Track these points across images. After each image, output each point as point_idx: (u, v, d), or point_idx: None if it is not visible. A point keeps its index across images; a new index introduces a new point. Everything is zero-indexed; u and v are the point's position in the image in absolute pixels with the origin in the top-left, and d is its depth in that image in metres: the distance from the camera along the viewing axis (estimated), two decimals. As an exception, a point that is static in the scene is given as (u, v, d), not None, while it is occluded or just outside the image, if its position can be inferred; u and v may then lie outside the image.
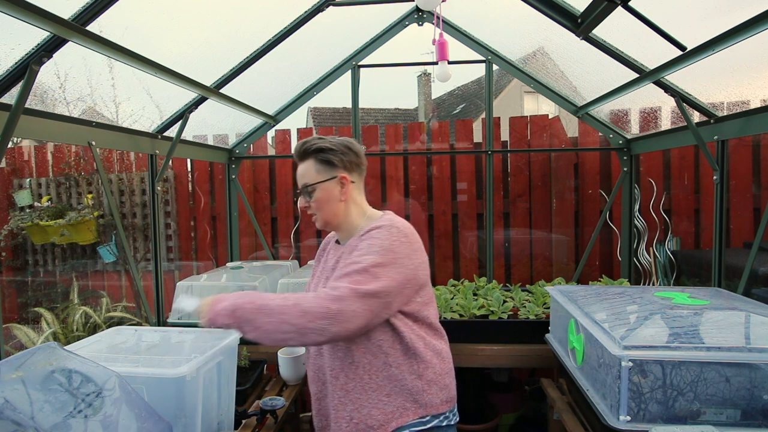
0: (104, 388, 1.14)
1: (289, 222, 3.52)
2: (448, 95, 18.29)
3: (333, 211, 1.45)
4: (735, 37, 1.47)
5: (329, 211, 1.45)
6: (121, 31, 1.66)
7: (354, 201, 1.48)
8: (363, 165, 1.51)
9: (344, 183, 1.44)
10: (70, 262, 3.95)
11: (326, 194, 1.44)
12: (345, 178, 1.44)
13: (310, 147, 1.44)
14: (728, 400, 1.27)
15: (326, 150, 1.43)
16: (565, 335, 1.79)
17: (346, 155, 1.45)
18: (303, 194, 1.47)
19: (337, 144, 1.44)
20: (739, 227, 3.02)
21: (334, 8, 2.35)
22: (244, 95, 2.57)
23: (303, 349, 2.16)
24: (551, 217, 3.31)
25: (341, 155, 1.44)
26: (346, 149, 1.45)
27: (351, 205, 1.48)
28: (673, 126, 2.49)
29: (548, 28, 2.15)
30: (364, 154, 1.51)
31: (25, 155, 4.00)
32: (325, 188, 1.43)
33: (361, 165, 1.50)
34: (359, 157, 1.49)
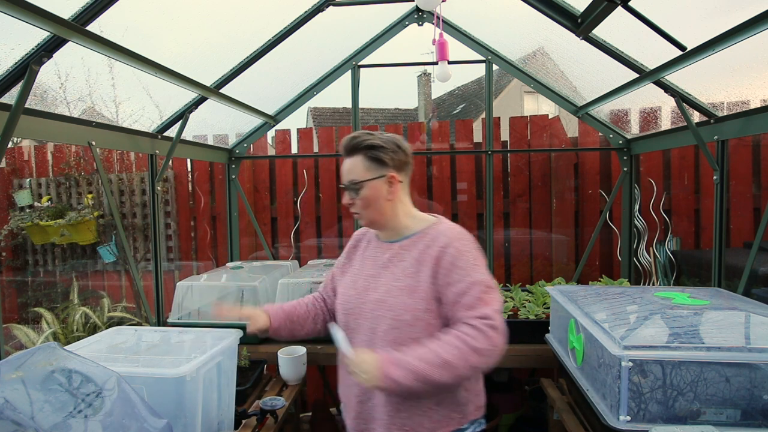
0: (104, 388, 1.14)
1: (289, 222, 3.52)
2: (448, 95, 18.29)
3: (380, 210, 1.42)
4: (735, 37, 1.47)
5: (376, 209, 1.41)
6: (121, 31, 1.66)
7: (400, 200, 1.45)
8: (410, 164, 1.48)
9: (392, 182, 1.41)
10: (70, 262, 3.95)
11: (374, 192, 1.40)
12: (394, 178, 1.40)
13: (360, 143, 1.39)
14: (728, 400, 1.27)
15: (377, 147, 1.38)
16: (565, 335, 1.79)
17: (396, 153, 1.41)
18: (349, 191, 1.42)
19: (387, 141, 1.40)
20: (739, 227, 3.02)
21: (334, 8, 2.36)
22: (244, 95, 2.57)
23: (303, 349, 2.16)
24: (551, 217, 3.31)
25: (392, 153, 1.40)
26: (396, 147, 1.41)
27: (398, 205, 1.44)
28: (673, 126, 2.49)
29: (548, 28, 2.15)
30: (411, 153, 1.48)
31: (25, 155, 4.00)
32: (374, 186, 1.39)
33: (408, 164, 1.46)
34: (407, 156, 1.45)
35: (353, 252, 1.59)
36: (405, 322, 1.34)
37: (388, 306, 1.36)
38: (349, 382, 1.45)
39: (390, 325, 1.35)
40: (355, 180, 1.40)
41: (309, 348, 2.21)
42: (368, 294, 1.41)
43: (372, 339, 1.37)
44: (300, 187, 3.51)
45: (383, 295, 1.38)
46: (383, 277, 1.42)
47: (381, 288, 1.40)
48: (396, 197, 1.43)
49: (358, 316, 1.42)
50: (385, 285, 1.40)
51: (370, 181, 1.39)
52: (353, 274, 1.51)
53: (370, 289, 1.42)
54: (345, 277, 1.54)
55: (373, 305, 1.39)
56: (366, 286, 1.44)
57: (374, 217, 1.43)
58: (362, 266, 1.50)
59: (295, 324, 1.58)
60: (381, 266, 1.44)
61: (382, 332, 1.36)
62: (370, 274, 1.46)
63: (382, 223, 1.45)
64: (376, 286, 1.41)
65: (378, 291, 1.40)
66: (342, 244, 3.48)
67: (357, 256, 1.56)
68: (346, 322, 1.45)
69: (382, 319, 1.36)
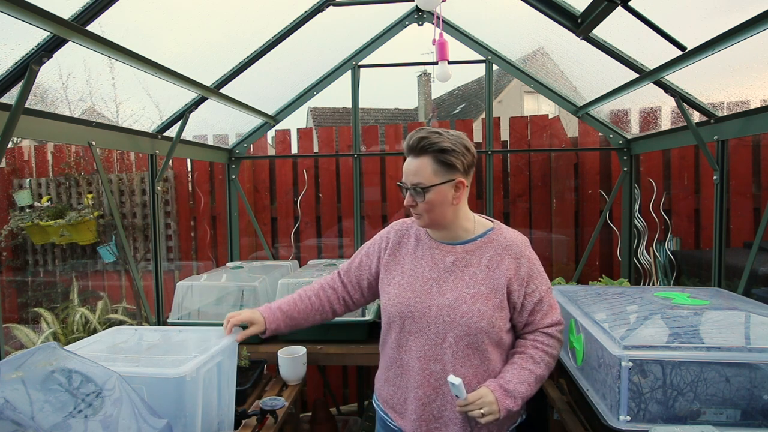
0: (104, 388, 1.14)
1: (289, 222, 3.52)
2: (448, 95, 18.29)
3: (443, 214, 1.38)
4: (735, 37, 1.47)
5: (439, 213, 1.37)
6: (122, 31, 1.66)
7: (462, 204, 1.42)
8: (475, 165, 1.42)
9: (460, 187, 1.36)
10: (70, 262, 3.95)
11: (440, 197, 1.35)
12: (462, 183, 1.36)
13: (430, 144, 1.32)
14: (728, 400, 1.27)
15: (448, 151, 1.32)
16: (565, 335, 1.79)
17: (465, 157, 1.35)
18: (414, 193, 1.37)
19: (456, 143, 1.34)
20: (739, 227, 3.02)
21: (334, 8, 2.36)
22: (244, 95, 2.57)
23: (303, 349, 2.16)
24: (551, 217, 3.31)
25: (462, 157, 1.34)
26: (466, 150, 1.35)
27: (460, 208, 1.41)
28: (673, 126, 2.49)
29: (548, 28, 2.15)
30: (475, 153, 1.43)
31: (25, 155, 4.00)
32: (441, 191, 1.34)
33: (474, 166, 1.41)
34: (474, 158, 1.40)
35: (398, 248, 1.51)
36: (480, 329, 1.34)
37: (461, 313, 1.34)
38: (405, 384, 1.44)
39: (464, 332, 1.34)
40: (422, 184, 1.34)
41: (309, 348, 2.21)
42: (432, 298, 1.38)
43: (440, 345, 1.37)
44: (300, 187, 3.51)
45: (453, 302, 1.36)
46: (448, 281, 1.39)
47: (449, 293, 1.37)
48: (460, 201, 1.40)
49: (419, 320, 1.39)
50: (453, 291, 1.37)
51: (438, 185, 1.34)
52: (406, 274, 1.45)
53: (434, 294, 1.39)
54: (395, 276, 1.47)
55: (440, 311, 1.37)
56: (428, 290, 1.40)
57: (437, 220, 1.39)
58: (417, 267, 1.44)
59: (297, 320, 1.57)
60: (443, 270, 1.41)
61: (453, 338, 1.35)
62: (432, 277, 1.41)
63: (443, 225, 1.42)
64: (442, 291, 1.38)
65: (445, 296, 1.37)
66: (342, 244, 3.48)
67: (405, 254, 1.49)
68: (401, 324, 1.42)
69: (453, 326, 1.35)
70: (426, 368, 1.39)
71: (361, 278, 1.58)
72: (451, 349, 1.36)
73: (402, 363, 1.44)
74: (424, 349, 1.39)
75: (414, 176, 1.36)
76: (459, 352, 1.36)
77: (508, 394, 1.31)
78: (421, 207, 1.37)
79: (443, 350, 1.37)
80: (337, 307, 1.61)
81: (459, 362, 1.36)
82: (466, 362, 1.36)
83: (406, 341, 1.42)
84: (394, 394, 1.48)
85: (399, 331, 1.43)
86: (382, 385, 1.53)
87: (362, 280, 1.58)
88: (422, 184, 1.34)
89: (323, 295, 1.60)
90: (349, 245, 3.45)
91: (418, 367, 1.40)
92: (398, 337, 1.44)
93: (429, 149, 1.33)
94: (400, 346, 1.44)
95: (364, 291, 1.59)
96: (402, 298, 1.42)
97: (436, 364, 1.38)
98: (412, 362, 1.41)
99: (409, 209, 1.42)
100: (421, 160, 1.35)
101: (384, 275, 1.51)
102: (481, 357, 1.36)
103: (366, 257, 1.58)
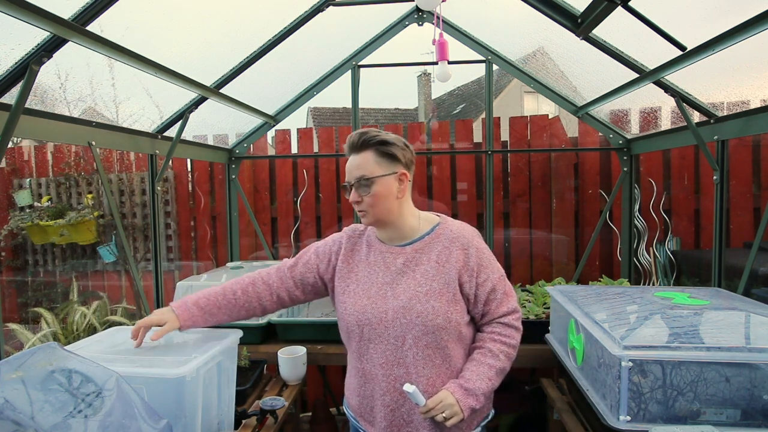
0: (104, 388, 1.14)
1: (289, 222, 3.52)
2: (448, 95, 18.29)
3: (388, 208, 1.38)
4: (735, 37, 1.47)
5: (384, 207, 1.38)
6: (122, 31, 1.66)
7: (407, 199, 1.43)
8: (414, 163, 1.47)
9: (403, 180, 1.39)
10: (70, 262, 3.95)
11: (385, 189, 1.36)
12: (405, 175, 1.39)
13: (371, 138, 1.36)
14: (728, 400, 1.27)
15: (389, 143, 1.36)
16: (565, 335, 1.79)
17: (405, 151, 1.39)
18: (357, 187, 1.37)
19: (396, 138, 1.39)
20: (739, 227, 3.02)
21: (334, 8, 2.35)
22: (244, 95, 2.57)
23: (303, 349, 2.16)
24: (551, 217, 3.31)
25: (402, 151, 1.38)
26: (405, 146, 1.40)
27: (404, 204, 1.42)
28: (673, 126, 2.49)
29: (548, 28, 2.16)
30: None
31: (25, 155, 4.00)
32: (385, 183, 1.36)
33: (413, 163, 1.45)
34: (413, 155, 1.44)
35: (351, 255, 1.51)
36: (437, 326, 1.34)
37: (416, 312, 1.34)
38: (370, 392, 1.43)
39: (421, 331, 1.34)
40: (366, 176, 1.35)
41: (309, 348, 2.21)
42: (387, 302, 1.38)
43: (401, 348, 1.36)
44: (300, 187, 3.51)
45: (407, 302, 1.35)
46: (402, 283, 1.39)
47: (402, 295, 1.37)
48: (405, 195, 1.41)
49: (377, 326, 1.38)
50: (406, 291, 1.37)
51: (382, 177, 1.36)
52: (360, 282, 1.44)
53: (388, 298, 1.38)
54: (349, 284, 1.46)
55: (396, 313, 1.36)
56: (383, 295, 1.39)
57: (382, 215, 1.39)
58: (371, 273, 1.44)
59: (217, 316, 1.51)
60: (396, 272, 1.41)
61: (412, 339, 1.35)
62: (385, 281, 1.41)
63: (389, 222, 1.42)
64: (396, 294, 1.38)
65: (399, 298, 1.37)
66: (342, 244, 3.47)
67: (359, 260, 1.49)
68: (360, 333, 1.41)
69: (410, 327, 1.34)
70: (390, 374, 1.38)
71: (306, 275, 1.54)
72: (412, 351, 1.35)
73: (364, 372, 1.43)
74: (386, 354, 1.38)
75: (357, 170, 1.37)
76: (420, 353, 1.35)
77: (468, 393, 1.32)
78: (366, 201, 1.37)
79: (404, 353, 1.36)
80: (268, 303, 1.54)
81: (421, 363, 1.35)
82: (428, 362, 1.35)
83: (366, 350, 1.41)
84: (361, 403, 1.47)
85: (359, 340, 1.42)
86: (351, 394, 1.52)
87: (307, 277, 1.54)
88: (366, 176, 1.36)
89: (252, 290, 1.53)
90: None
91: (381, 373, 1.39)
92: (358, 346, 1.43)
93: (370, 142, 1.36)
94: (361, 356, 1.43)
95: (306, 288, 1.55)
96: (358, 306, 1.41)
97: (399, 368, 1.37)
98: (375, 370, 1.40)
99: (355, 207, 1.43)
100: (363, 154, 1.38)
101: (338, 283, 1.49)
102: (442, 355, 1.36)
103: (315, 256, 1.55)
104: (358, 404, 1.49)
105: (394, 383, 1.38)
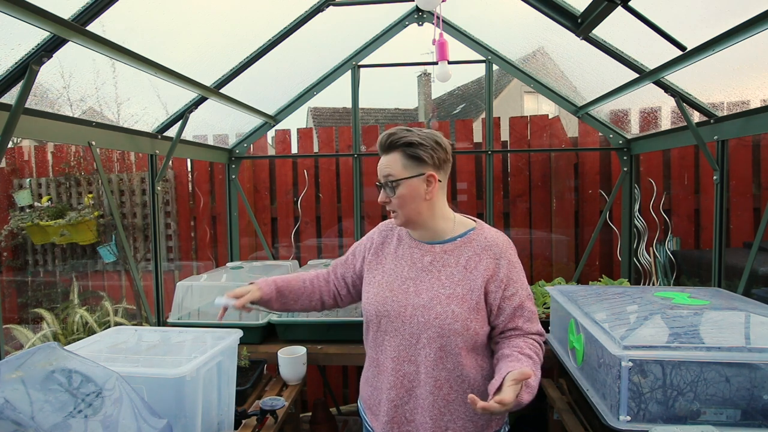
0: (104, 388, 1.14)
1: (289, 222, 3.53)
2: (448, 95, 18.29)
3: (417, 210, 1.37)
4: (735, 37, 1.47)
5: (413, 208, 1.37)
6: (122, 31, 1.66)
7: (438, 200, 1.40)
8: (450, 162, 1.42)
9: (431, 181, 1.36)
10: (70, 262, 3.95)
11: (411, 191, 1.35)
12: (433, 176, 1.35)
13: (398, 139, 1.35)
14: (728, 400, 1.27)
15: (416, 144, 1.34)
16: (565, 335, 1.79)
17: (436, 151, 1.35)
18: (385, 188, 1.38)
19: (426, 138, 1.35)
20: (739, 227, 3.02)
21: (334, 8, 2.35)
22: (244, 95, 2.57)
23: (303, 349, 2.16)
24: (551, 217, 3.31)
25: (431, 151, 1.35)
26: (436, 144, 1.36)
27: (436, 204, 1.40)
28: (673, 126, 2.49)
29: (548, 28, 2.15)
30: (451, 151, 1.43)
31: (25, 155, 4.00)
32: (411, 185, 1.35)
33: (448, 162, 1.41)
34: (447, 154, 1.39)
35: (381, 248, 1.52)
36: (453, 331, 1.32)
37: (435, 314, 1.33)
38: (380, 384, 1.42)
39: (437, 333, 1.33)
40: (393, 177, 1.35)
41: (309, 348, 2.21)
42: (408, 298, 1.37)
43: (414, 346, 1.36)
44: (300, 187, 3.51)
45: (428, 302, 1.34)
46: (425, 281, 1.38)
47: (424, 294, 1.36)
48: (434, 197, 1.39)
49: (395, 319, 1.38)
50: (428, 291, 1.36)
51: (408, 179, 1.35)
52: (386, 273, 1.45)
53: (410, 293, 1.38)
54: (375, 275, 1.48)
55: (415, 311, 1.35)
56: (405, 289, 1.39)
57: (411, 216, 1.38)
58: (397, 266, 1.44)
59: (287, 298, 1.57)
60: (421, 269, 1.40)
61: (426, 339, 1.34)
62: (409, 276, 1.41)
63: (419, 223, 1.41)
64: (418, 291, 1.37)
65: (421, 296, 1.36)
66: (342, 244, 3.48)
67: (387, 253, 1.49)
68: (378, 323, 1.42)
69: (427, 327, 1.33)
70: (399, 369, 1.37)
71: (346, 275, 1.59)
72: (425, 350, 1.34)
73: (378, 363, 1.44)
74: (399, 349, 1.37)
75: (385, 171, 1.37)
76: (431, 354, 1.34)
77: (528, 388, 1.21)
78: (394, 203, 1.38)
79: (417, 351, 1.35)
80: (327, 298, 1.61)
81: (431, 364, 1.34)
82: (439, 365, 1.34)
83: (382, 341, 1.41)
84: (371, 395, 1.47)
85: (376, 330, 1.43)
86: (363, 385, 1.53)
87: (347, 277, 1.59)
88: (392, 177, 1.35)
89: (316, 282, 1.61)
90: (349, 245, 3.44)
91: (391, 367, 1.39)
92: (375, 336, 1.44)
93: (397, 143, 1.35)
94: (377, 345, 1.44)
95: (350, 288, 1.60)
96: (380, 297, 1.42)
97: (410, 366, 1.36)
98: (386, 362, 1.40)
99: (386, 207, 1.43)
100: (391, 155, 1.37)
101: (367, 275, 1.51)
102: (454, 361, 1.34)
103: (352, 255, 1.60)
104: (368, 395, 1.49)
105: (402, 379, 1.37)
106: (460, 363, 1.34)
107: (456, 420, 1.35)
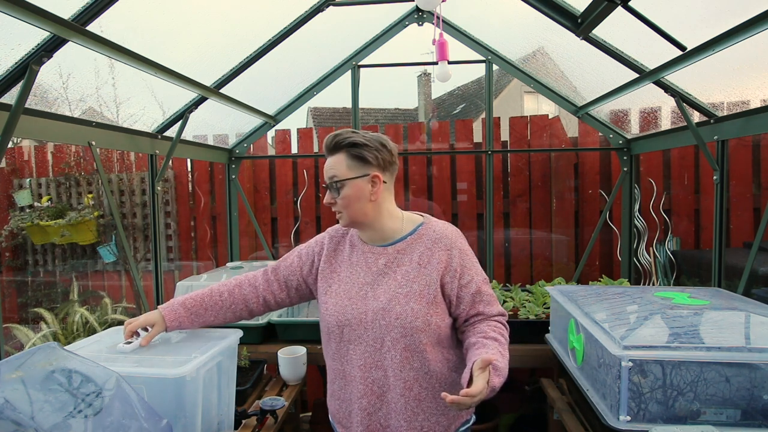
0: (104, 388, 1.14)
1: (289, 222, 3.53)
2: (448, 95, 18.29)
3: (362, 210, 1.37)
4: (735, 37, 1.47)
5: (358, 209, 1.36)
6: (122, 31, 1.66)
7: (384, 201, 1.40)
8: (395, 164, 1.42)
9: (376, 182, 1.36)
10: (70, 262, 3.95)
11: (356, 192, 1.35)
12: (378, 177, 1.35)
13: (342, 140, 1.35)
14: (728, 400, 1.27)
15: (360, 145, 1.34)
16: (565, 335, 1.79)
17: (381, 152, 1.36)
18: (330, 189, 1.38)
19: (371, 140, 1.36)
20: (739, 227, 3.02)
21: (334, 8, 2.36)
22: (244, 95, 2.57)
23: (303, 349, 2.16)
24: (551, 217, 3.31)
25: (376, 152, 1.35)
26: (381, 146, 1.36)
27: (382, 205, 1.39)
28: (673, 126, 2.49)
29: (548, 28, 2.16)
30: (397, 153, 1.42)
31: (25, 155, 4.00)
32: (356, 185, 1.34)
33: (393, 164, 1.41)
34: (392, 156, 1.39)
35: (334, 255, 1.49)
36: (415, 329, 1.32)
37: (396, 314, 1.32)
38: (348, 396, 1.41)
39: (401, 333, 1.32)
40: (338, 178, 1.35)
41: (309, 348, 2.21)
42: (367, 303, 1.36)
43: (379, 350, 1.35)
44: (300, 187, 3.51)
45: (387, 303, 1.34)
46: (382, 284, 1.37)
47: (382, 296, 1.35)
48: (379, 197, 1.38)
49: (356, 327, 1.36)
50: (386, 292, 1.35)
51: (353, 179, 1.34)
52: (342, 282, 1.43)
53: (369, 298, 1.37)
54: (331, 285, 1.45)
55: (375, 315, 1.34)
56: (363, 295, 1.38)
57: (356, 217, 1.38)
58: (353, 273, 1.42)
59: (204, 317, 1.51)
60: (377, 273, 1.39)
61: (391, 342, 1.33)
62: (366, 281, 1.40)
63: (365, 223, 1.40)
64: (376, 295, 1.36)
65: (379, 299, 1.35)
66: (342, 244, 3.48)
67: (341, 261, 1.47)
68: (340, 334, 1.39)
69: (389, 329, 1.33)
70: (368, 376, 1.36)
71: (290, 278, 1.53)
72: (390, 353, 1.33)
73: (344, 374, 1.41)
74: (365, 356, 1.36)
75: (329, 172, 1.37)
76: (398, 356, 1.33)
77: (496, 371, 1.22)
78: (339, 203, 1.37)
79: (383, 355, 1.34)
80: (255, 306, 1.54)
81: (398, 366, 1.33)
82: (406, 365, 1.33)
83: (346, 351, 1.39)
84: (340, 408, 1.45)
85: (338, 341, 1.40)
86: (330, 400, 1.51)
87: (291, 280, 1.53)
88: (337, 177, 1.35)
89: (239, 292, 1.54)
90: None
91: (359, 376, 1.37)
92: (338, 347, 1.41)
93: (342, 144, 1.35)
94: (341, 356, 1.41)
95: (291, 291, 1.55)
96: (339, 306, 1.39)
97: (378, 371, 1.35)
98: (353, 371, 1.38)
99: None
100: (336, 156, 1.37)
101: (321, 284, 1.48)
102: (420, 359, 1.34)
103: (298, 258, 1.54)
104: (336, 408, 1.47)
105: (371, 386, 1.36)
106: (427, 360, 1.34)
107: (429, 417, 1.36)
